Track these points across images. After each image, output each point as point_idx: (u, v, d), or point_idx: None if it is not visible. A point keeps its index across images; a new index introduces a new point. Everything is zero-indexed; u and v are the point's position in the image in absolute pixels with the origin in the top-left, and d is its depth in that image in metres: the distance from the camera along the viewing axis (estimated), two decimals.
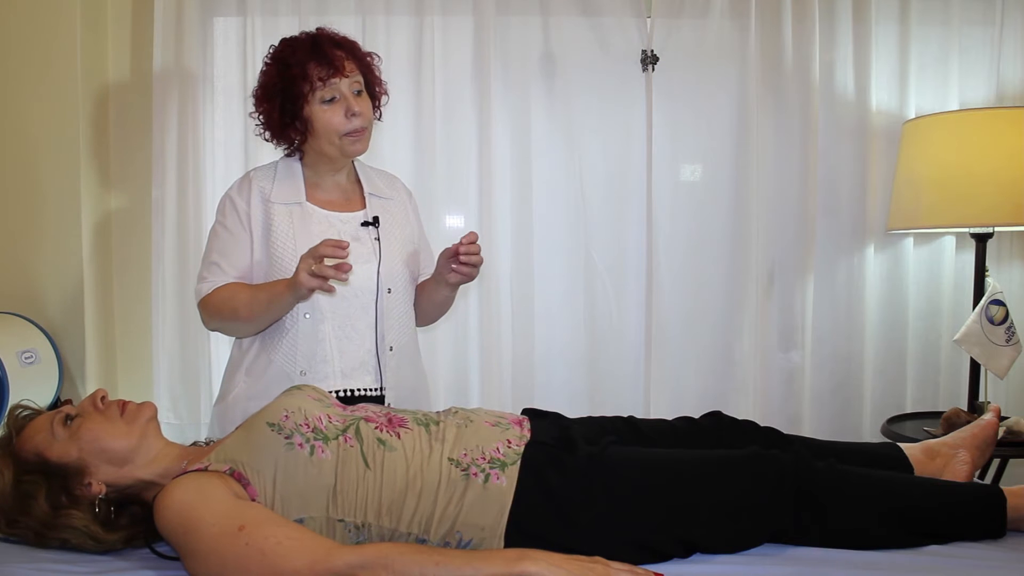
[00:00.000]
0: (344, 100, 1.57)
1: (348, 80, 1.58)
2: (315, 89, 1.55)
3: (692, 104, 2.40)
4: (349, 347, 1.61)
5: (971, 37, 2.42)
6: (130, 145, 2.32)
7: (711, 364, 2.44)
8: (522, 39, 2.36)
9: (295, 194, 1.63)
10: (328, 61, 1.56)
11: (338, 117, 1.57)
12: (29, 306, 2.15)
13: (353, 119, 1.58)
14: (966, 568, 1.15)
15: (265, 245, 1.61)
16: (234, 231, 1.63)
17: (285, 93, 1.57)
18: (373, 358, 1.64)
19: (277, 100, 1.58)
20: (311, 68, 1.55)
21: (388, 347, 1.64)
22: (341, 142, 1.59)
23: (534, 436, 1.29)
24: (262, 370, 1.61)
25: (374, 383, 1.64)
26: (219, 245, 1.63)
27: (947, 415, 2.06)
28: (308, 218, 1.62)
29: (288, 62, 1.57)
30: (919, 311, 2.48)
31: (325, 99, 1.56)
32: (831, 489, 1.24)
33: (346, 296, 1.60)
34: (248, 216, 1.62)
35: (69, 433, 1.24)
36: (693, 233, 2.43)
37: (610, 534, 1.18)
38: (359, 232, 1.65)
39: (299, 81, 1.55)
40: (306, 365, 1.58)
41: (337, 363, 1.60)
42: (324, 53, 1.56)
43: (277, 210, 1.61)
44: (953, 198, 2.16)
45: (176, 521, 1.10)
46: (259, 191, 1.63)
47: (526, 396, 2.36)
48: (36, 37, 2.15)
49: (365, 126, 1.61)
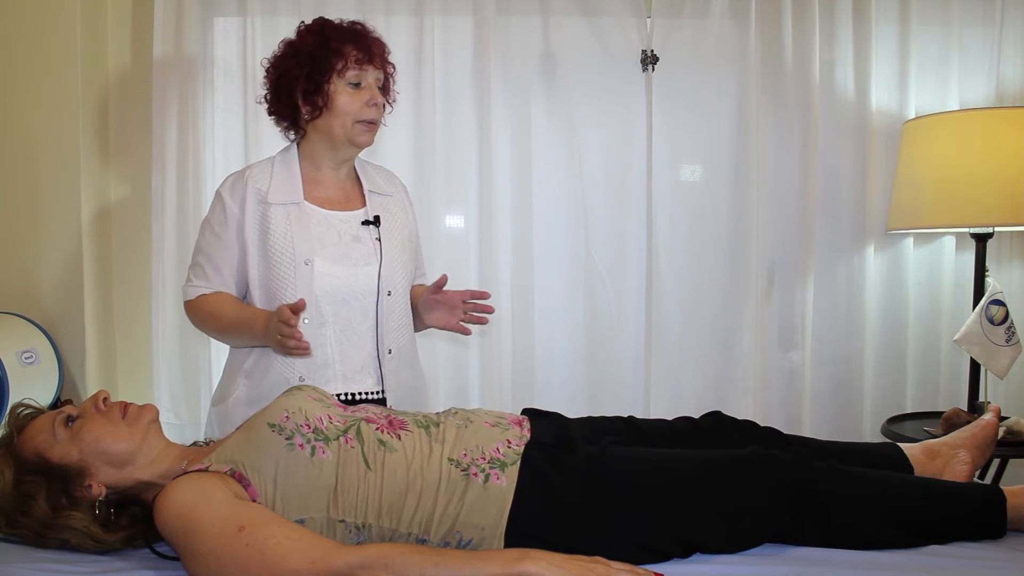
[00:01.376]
0: (369, 88, 1.60)
1: (377, 72, 1.62)
2: (347, 68, 1.57)
3: (692, 104, 2.39)
4: (350, 351, 1.61)
5: (971, 37, 2.42)
6: (129, 142, 2.32)
7: (711, 364, 2.44)
8: (522, 39, 2.35)
9: (292, 193, 1.61)
10: (367, 47, 1.60)
11: (359, 102, 1.59)
12: (29, 306, 2.15)
13: (372, 109, 1.60)
14: (966, 568, 1.15)
15: (262, 248, 1.59)
16: (221, 236, 1.61)
17: (315, 63, 1.57)
18: (374, 361, 1.63)
19: (306, 67, 1.58)
20: (349, 48, 1.58)
21: (387, 350, 1.64)
22: (353, 128, 1.60)
23: (534, 436, 1.29)
24: (262, 374, 1.60)
25: (375, 386, 1.64)
26: (206, 247, 1.63)
27: (947, 415, 2.06)
28: (307, 219, 1.60)
29: (328, 36, 1.59)
30: (919, 311, 2.48)
31: (352, 82, 1.59)
32: (831, 489, 1.24)
33: (347, 300, 1.59)
34: (240, 222, 1.60)
35: (70, 434, 1.24)
36: (693, 233, 2.43)
37: (610, 534, 1.18)
38: (359, 232, 1.64)
39: (334, 56, 1.57)
40: (305, 371, 1.57)
41: (339, 367, 1.60)
42: (364, 39, 1.61)
43: (274, 211, 1.59)
44: (953, 198, 2.16)
45: (176, 521, 1.10)
46: (255, 192, 1.60)
47: (526, 396, 2.36)
48: (36, 34, 2.14)
49: (378, 120, 1.63)
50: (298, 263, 1.56)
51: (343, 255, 1.60)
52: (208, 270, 1.62)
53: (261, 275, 1.59)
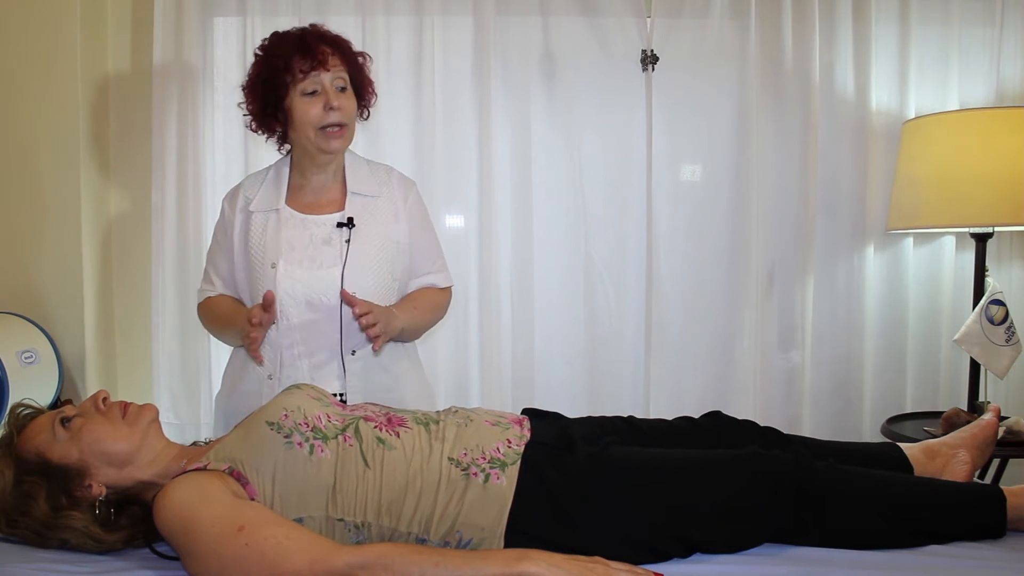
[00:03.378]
0: (324, 94, 1.58)
1: (331, 75, 1.59)
2: (297, 81, 1.57)
3: (692, 104, 2.39)
4: (315, 351, 1.61)
5: (971, 37, 2.42)
6: (130, 144, 2.32)
7: (711, 364, 2.44)
8: (522, 39, 2.35)
9: (274, 200, 1.66)
10: (312, 55, 1.57)
11: (316, 109, 1.57)
12: (29, 306, 2.15)
13: (331, 113, 1.57)
14: (966, 568, 1.15)
15: (244, 253, 1.65)
16: (220, 240, 1.72)
17: (268, 84, 1.59)
18: (339, 361, 1.62)
19: (260, 90, 1.61)
20: (295, 61, 1.57)
21: (351, 351, 1.62)
22: (317, 137, 1.59)
23: (534, 436, 1.29)
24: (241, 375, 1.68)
25: (341, 388, 1.62)
26: (210, 253, 1.76)
27: (947, 415, 2.06)
28: (283, 224, 1.63)
29: (273, 53, 1.59)
30: (919, 311, 2.48)
31: (306, 91, 1.58)
32: (831, 489, 1.24)
33: (310, 300, 1.59)
34: (232, 227, 1.68)
35: (70, 434, 1.24)
36: (693, 233, 2.42)
37: (610, 534, 1.18)
38: (331, 234, 1.63)
39: (282, 72, 1.57)
40: (272, 369, 1.61)
41: (305, 367, 1.61)
42: (309, 47, 1.58)
43: (255, 219, 1.66)
44: (953, 198, 2.16)
45: (176, 521, 1.10)
46: (243, 200, 1.68)
47: (526, 396, 2.36)
48: (36, 34, 2.14)
49: (344, 122, 1.60)
50: (266, 267, 1.60)
51: (308, 258, 1.61)
52: (212, 275, 1.73)
53: (246, 279, 1.66)
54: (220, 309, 1.70)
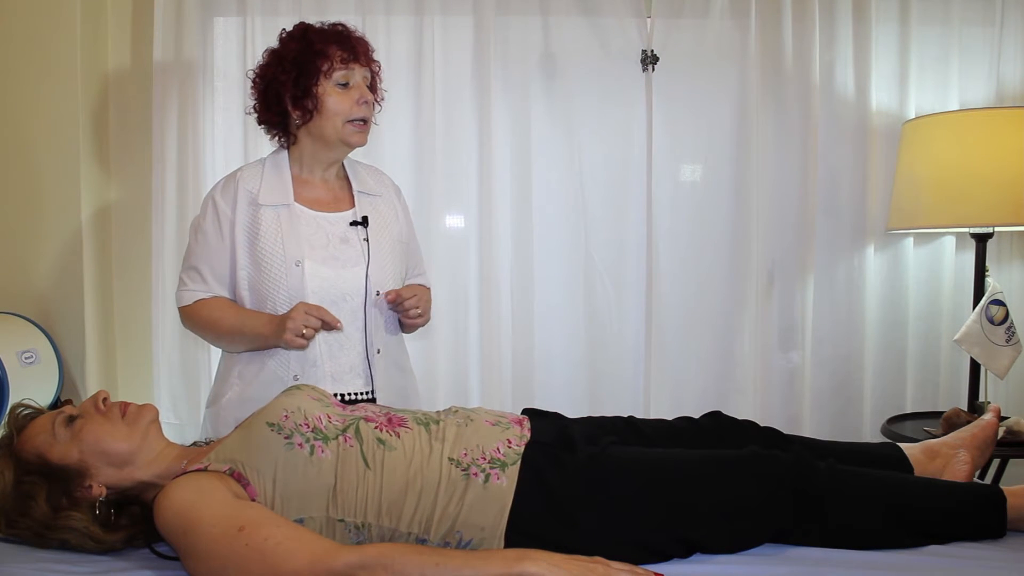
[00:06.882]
0: (358, 87, 1.60)
1: (364, 71, 1.62)
2: (334, 69, 1.58)
3: (692, 104, 2.39)
4: (339, 351, 1.61)
5: (971, 37, 2.42)
6: (129, 143, 2.31)
7: (711, 364, 2.44)
8: (522, 39, 2.35)
9: (283, 195, 1.62)
10: (351, 47, 1.60)
11: (348, 102, 1.59)
12: (29, 306, 2.15)
13: (363, 107, 1.60)
14: (966, 568, 1.15)
15: (251, 250, 1.60)
16: (215, 238, 1.62)
17: (301, 68, 1.57)
18: (363, 362, 1.63)
19: (292, 73, 1.58)
20: (333, 49, 1.58)
21: (376, 349, 1.64)
22: (345, 128, 1.60)
23: (534, 436, 1.29)
24: (254, 374, 1.61)
25: (365, 386, 1.64)
26: (200, 250, 1.63)
27: (947, 415, 2.05)
28: (296, 220, 1.61)
29: (311, 39, 1.59)
30: (919, 311, 2.48)
31: (340, 82, 1.59)
32: (831, 489, 1.24)
33: (336, 301, 1.59)
34: (232, 223, 1.61)
35: (70, 434, 1.24)
36: (693, 233, 2.42)
37: (610, 534, 1.18)
38: (347, 233, 1.64)
39: (319, 58, 1.57)
40: (299, 369, 1.59)
41: (327, 367, 1.60)
42: (347, 39, 1.61)
43: (265, 213, 1.60)
44: (953, 198, 2.16)
45: (176, 521, 1.10)
46: (246, 193, 1.62)
47: (526, 396, 2.36)
48: (36, 34, 2.14)
49: (369, 118, 1.63)
50: (288, 265, 1.57)
51: (331, 256, 1.61)
52: (204, 274, 1.62)
53: (250, 277, 1.60)
54: (226, 314, 1.60)
